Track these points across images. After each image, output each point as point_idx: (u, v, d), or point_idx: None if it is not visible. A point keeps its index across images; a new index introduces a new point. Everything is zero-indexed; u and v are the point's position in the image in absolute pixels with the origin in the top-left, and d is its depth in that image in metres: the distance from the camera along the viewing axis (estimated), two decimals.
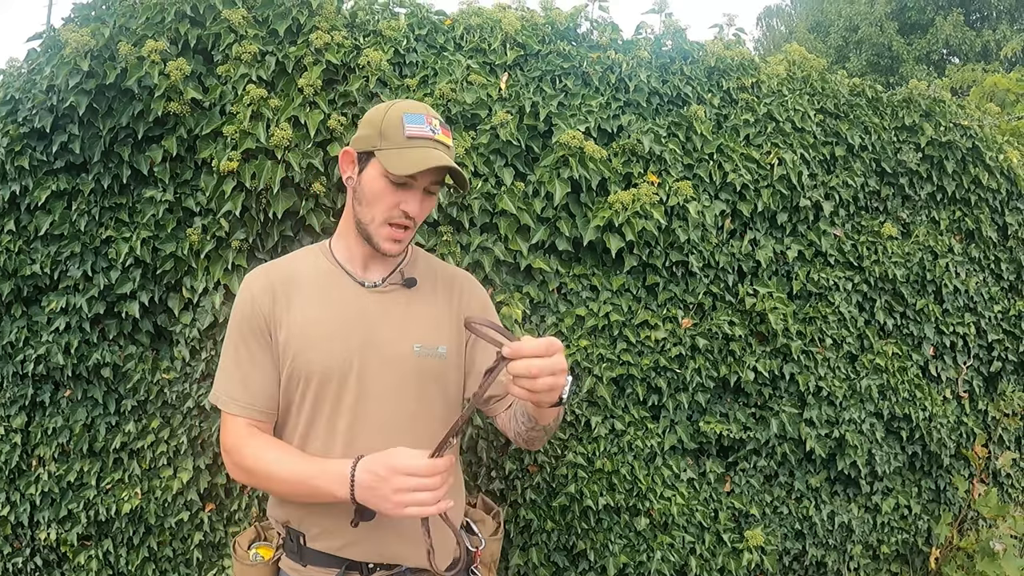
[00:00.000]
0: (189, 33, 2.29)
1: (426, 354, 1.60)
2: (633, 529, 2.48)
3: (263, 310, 1.57)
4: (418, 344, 1.59)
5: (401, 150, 1.49)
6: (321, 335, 1.56)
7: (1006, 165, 3.02)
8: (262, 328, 1.57)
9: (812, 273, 2.69)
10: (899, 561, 2.98)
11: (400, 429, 1.57)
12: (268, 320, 1.57)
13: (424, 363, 1.60)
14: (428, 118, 1.53)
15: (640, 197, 2.37)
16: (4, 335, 2.43)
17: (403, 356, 1.58)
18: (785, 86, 2.78)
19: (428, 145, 1.50)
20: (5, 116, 2.37)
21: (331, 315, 1.57)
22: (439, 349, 1.62)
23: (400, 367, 1.57)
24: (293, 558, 1.63)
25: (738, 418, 2.59)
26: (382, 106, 1.57)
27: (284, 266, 1.66)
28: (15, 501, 2.50)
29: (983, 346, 2.99)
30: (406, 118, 1.51)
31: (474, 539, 1.78)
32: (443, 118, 2.31)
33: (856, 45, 20.64)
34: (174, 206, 2.34)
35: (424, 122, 1.52)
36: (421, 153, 1.49)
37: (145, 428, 2.42)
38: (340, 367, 1.55)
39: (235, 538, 1.78)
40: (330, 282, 1.61)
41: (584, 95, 2.50)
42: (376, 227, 1.55)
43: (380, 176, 1.52)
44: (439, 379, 1.63)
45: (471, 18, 2.58)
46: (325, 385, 1.55)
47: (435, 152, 1.50)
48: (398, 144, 1.50)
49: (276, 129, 2.20)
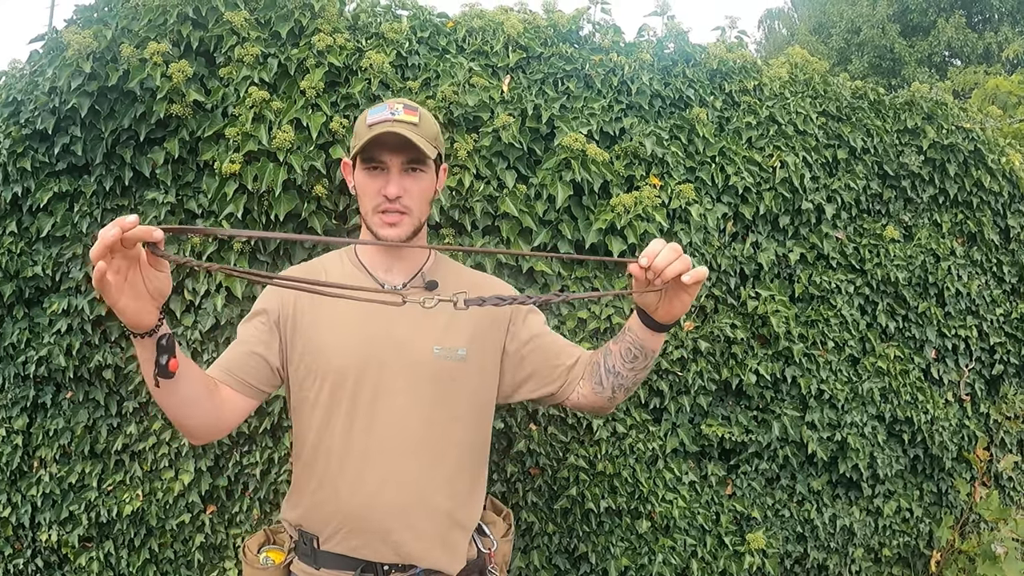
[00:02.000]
0: (191, 35, 2.29)
1: (445, 356, 1.61)
2: (635, 532, 2.48)
3: (281, 303, 1.61)
4: (438, 346, 1.60)
5: (365, 139, 1.54)
6: (340, 334, 1.58)
7: (1008, 168, 3.02)
8: (276, 320, 1.61)
9: (814, 276, 2.69)
10: (901, 564, 2.98)
11: (416, 429, 1.58)
12: (286, 311, 1.61)
13: (443, 365, 1.60)
14: (391, 104, 1.57)
15: (642, 200, 2.37)
16: (6, 336, 2.43)
17: (422, 358, 1.59)
18: (787, 89, 2.78)
19: (386, 127, 1.53)
20: (7, 118, 2.38)
21: (351, 315, 1.59)
22: (459, 351, 1.62)
23: (418, 369, 1.59)
24: (307, 561, 1.63)
25: (740, 421, 2.59)
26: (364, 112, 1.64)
27: (311, 267, 1.73)
28: (16, 502, 2.50)
29: (985, 349, 2.99)
30: (369, 112, 1.58)
31: (486, 541, 1.78)
32: (440, 114, 2.32)
33: (858, 47, 20.62)
34: (176, 208, 2.34)
35: (385, 110, 1.56)
36: (379, 129, 1.53)
37: (146, 430, 2.42)
38: (357, 365, 1.56)
39: (244, 542, 1.77)
40: (353, 283, 1.61)
41: (586, 98, 2.50)
42: (371, 218, 1.59)
43: (359, 170, 1.60)
44: (458, 380, 1.63)
45: (473, 20, 2.58)
46: (342, 384, 1.57)
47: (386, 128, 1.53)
48: (363, 135, 1.56)
49: (278, 131, 2.20)
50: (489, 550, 1.75)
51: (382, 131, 1.52)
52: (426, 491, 1.58)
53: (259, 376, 1.59)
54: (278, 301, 1.63)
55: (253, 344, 1.60)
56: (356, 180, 1.63)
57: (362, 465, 1.56)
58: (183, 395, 1.40)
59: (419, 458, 1.58)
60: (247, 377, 1.58)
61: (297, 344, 1.61)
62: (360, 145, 1.55)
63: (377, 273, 1.66)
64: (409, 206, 1.58)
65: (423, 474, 1.58)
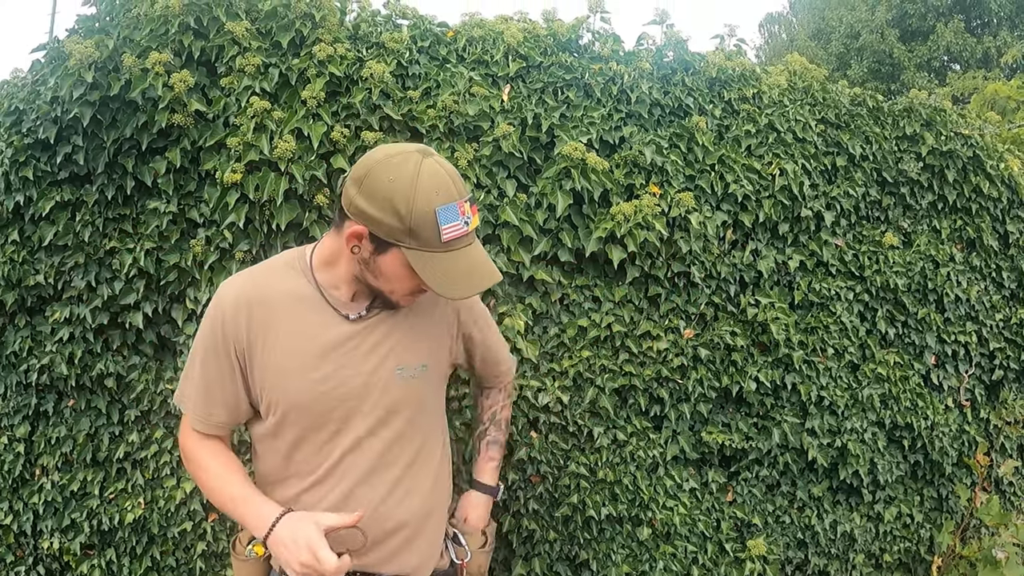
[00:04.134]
0: (193, 45, 2.30)
1: (408, 375, 1.58)
2: (635, 539, 2.48)
3: (234, 334, 1.50)
4: (399, 367, 1.57)
5: (440, 256, 1.38)
6: (296, 369, 1.50)
7: (1007, 174, 3.03)
8: (230, 351, 1.51)
9: (814, 283, 2.69)
10: (901, 570, 2.98)
11: (383, 450, 1.58)
12: (240, 345, 1.50)
13: (406, 384, 1.58)
14: (460, 205, 1.38)
15: (642, 208, 2.37)
16: (8, 345, 2.44)
17: (384, 382, 1.55)
18: (786, 96, 2.79)
19: (467, 244, 1.41)
20: (9, 127, 2.39)
21: (308, 348, 1.51)
22: (420, 367, 1.61)
23: (382, 394, 1.56)
24: None
25: (740, 428, 2.59)
26: (404, 186, 1.35)
27: (260, 285, 1.53)
28: (18, 510, 2.50)
29: (985, 355, 3.00)
30: (440, 214, 1.35)
31: (460, 550, 1.79)
32: (441, 124, 2.34)
33: (857, 52, 20.67)
34: (178, 217, 2.35)
35: (458, 214, 1.37)
36: (465, 263, 1.41)
37: (148, 438, 2.43)
38: (319, 402, 1.52)
39: (237, 535, 1.80)
40: (308, 310, 1.52)
41: (586, 107, 2.51)
42: (395, 297, 1.51)
43: (405, 266, 1.41)
44: (420, 394, 1.62)
45: (473, 30, 2.59)
46: (302, 419, 1.54)
47: (480, 263, 1.43)
48: (433, 247, 1.37)
49: (279, 141, 2.21)
50: (462, 560, 1.77)
51: (468, 263, 1.41)
52: (395, 512, 1.60)
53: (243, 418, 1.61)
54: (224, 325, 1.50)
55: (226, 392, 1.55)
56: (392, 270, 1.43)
57: (328, 491, 1.56)
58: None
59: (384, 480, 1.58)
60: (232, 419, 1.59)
61: (257, 377, 1.53)
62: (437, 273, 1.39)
63: (337, 298, 1.54)
64: None
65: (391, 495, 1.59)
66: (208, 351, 1.53)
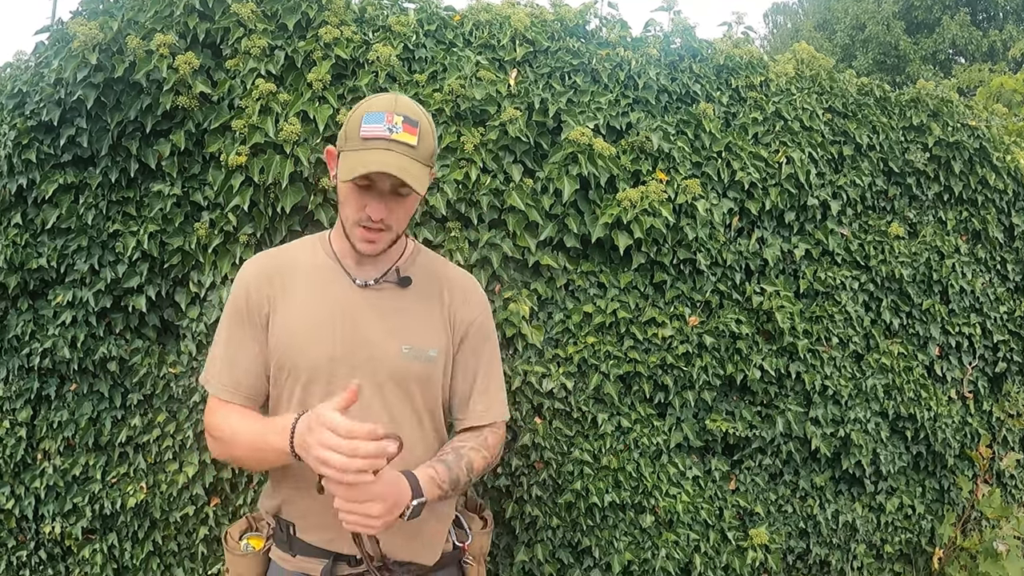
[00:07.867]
0: (198, 27, 2.29)
1: (414, 357, 1.59)
2: (638, 526, 2.48)
3: (257, 301, 1.59)
4: (407, 346, 1.59)
5: (357, 152, 1.47)
6: (310, 330, 1.57)
7: (1013, 166, 3.01)
8: (255, 313, 1.59)
9: (819, 272, 2.69)
10: (902, 561, 2.98)
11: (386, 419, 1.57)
12: (264, 304, 1.59)
13: (410, 366, 1.59)
14: (389, 116, 1.47)
15: (648, 195, 2.36)
16: (10, 328, 2.43)
17: (390, 356, 1.57)
18: (794, 85, 2.78)
19: (381, 147, 1.46)
20: (12, 109, 2.37)
21: (322, 310, 1.58)
22: (429, 352, 1.61)
23: (385, 368, 1.57)
24: (283, 548, 1.64)
25: (744, 416, 2.59)
26: (360, 103, 1.54)
27: (283, 254, 1.68)
28: (20, 495, 2.50)
29: (988, 347, 2.99)
30: (365, 118, 1.48)
31: (461, 533, 1.79)
32: (447, 108, 2.31)
33: (863, 44, 20.61)
34: (182, 200, 2.34)
35: (383, 121, 1.46)
36: (371, 156, 1.45)
37: (151, 422, 2.42)
38: (327, 365, 1.55)
39: (227, 528, 1.79)
40: (325, 276, 1.62)
41: (593, 92, 2.50)
42: (350, 227, 1.56)
43: (343, 178, 1.50)
44: (423, 382, 1.62)
45: (480, 14, 2.58)
46: (312, 382, 1.56)
47: (381, 155, 1.45)
48: (355, 146, 1.48)
49: (285, 124, 2.20)
50: (463, 543, 1.77)
51: (376, 160, 1.44)
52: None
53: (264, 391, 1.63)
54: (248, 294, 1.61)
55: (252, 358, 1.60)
56: (340, 185, 1.54)
57: None
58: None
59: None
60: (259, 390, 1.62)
61: (271, 339, 1.60)
62: (348, 165, 1.47)
63: (350, 266, 1.63)
64: (391, 225, 1.55)
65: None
66: (233, 323, 1.62)
